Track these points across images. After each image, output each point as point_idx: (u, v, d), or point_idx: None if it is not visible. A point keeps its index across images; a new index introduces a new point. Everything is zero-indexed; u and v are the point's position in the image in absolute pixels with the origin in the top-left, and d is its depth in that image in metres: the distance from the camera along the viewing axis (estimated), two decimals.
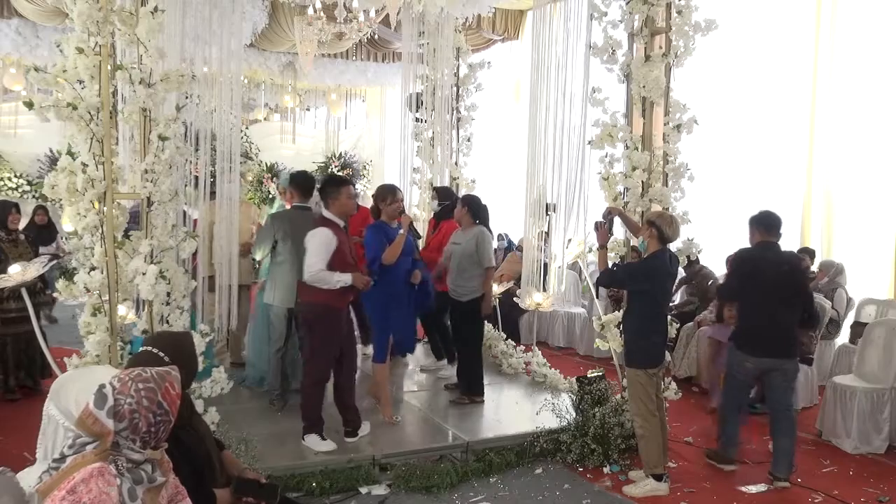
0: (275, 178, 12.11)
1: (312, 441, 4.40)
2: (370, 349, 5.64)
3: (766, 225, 4.50)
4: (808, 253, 6.79)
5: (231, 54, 5.12)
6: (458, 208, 5.58)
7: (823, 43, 7.08)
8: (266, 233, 5.15)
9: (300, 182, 5.31)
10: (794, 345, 4.44)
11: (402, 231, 4.74)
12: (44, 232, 7.95)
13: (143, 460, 2.03)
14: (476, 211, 5.47)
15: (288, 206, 5.53)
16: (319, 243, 4.28)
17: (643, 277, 4.31)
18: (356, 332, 5.00)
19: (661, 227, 4.25)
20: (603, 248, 4.69)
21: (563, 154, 5.50)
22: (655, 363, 4.34)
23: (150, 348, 2.56)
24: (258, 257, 5.33)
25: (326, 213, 4.45)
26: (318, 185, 5.00)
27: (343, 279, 4.29)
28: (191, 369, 2.66)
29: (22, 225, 6.08)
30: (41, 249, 6.75)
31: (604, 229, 4.70)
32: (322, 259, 4.26)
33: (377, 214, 4.94)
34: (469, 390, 5.45)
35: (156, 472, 2.08)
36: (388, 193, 4.92)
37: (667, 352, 4.58)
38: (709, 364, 5.87)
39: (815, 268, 6.84)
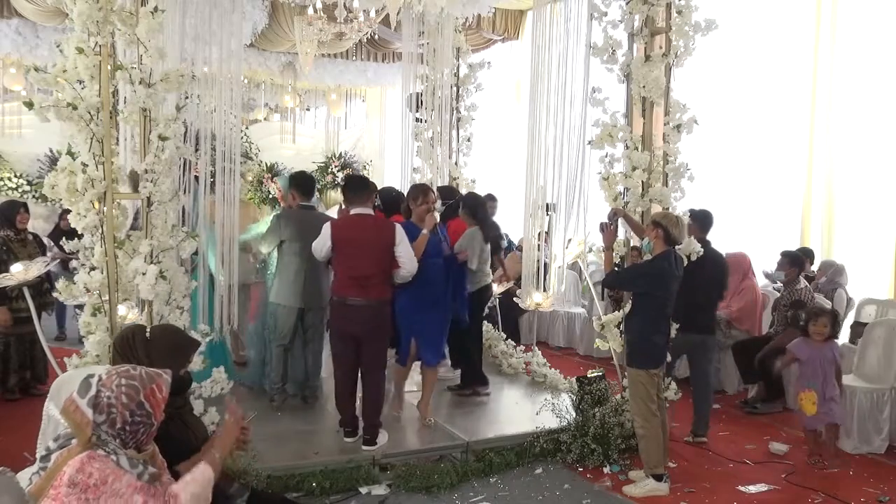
0: (275, 179, 12.06)
1: (384, 437, 4.52)
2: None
3: (703, 223, 5.19)
4: (807, 254, 6.79)
5: (231, 54, 5.12)
6: (461, 211, 5.61)
7: (823, 43, 7.08)
8: (273, 232, 5.15)
9: (301, 182, 5.36)
10: (709, 324, 5.18)
11: (424, 231, 4.71)
12: (68, 238, 7.66)
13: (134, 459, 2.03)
14: (474, 210, 5.52)
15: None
16: (407, 238, 4.50)
17: (649, 279, 4.31)
18: None
19: (668, 227, 4.26)
20: (609, 249, 4.71)
21: (563, 154, 5.50)
22: (657, 364, 4.35)
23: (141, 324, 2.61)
24: (265, 251, 5.32)
25: (367, 210, 4.57)
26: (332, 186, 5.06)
27: None
28: (170, 361, 2.61)
29: (30, 225, 6.02)
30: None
31: (610, 230, 4.71)
32: None
33: (408, 215, 4.95)
34: (472, 382, 5.48)
35: (148, 466, 2.07)
36: (419, 193, 4.92)
37: (667, 352, 4.59)
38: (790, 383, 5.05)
39: (814, 268, 6.84)
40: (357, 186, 4.64)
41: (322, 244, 4.53)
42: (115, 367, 2.09)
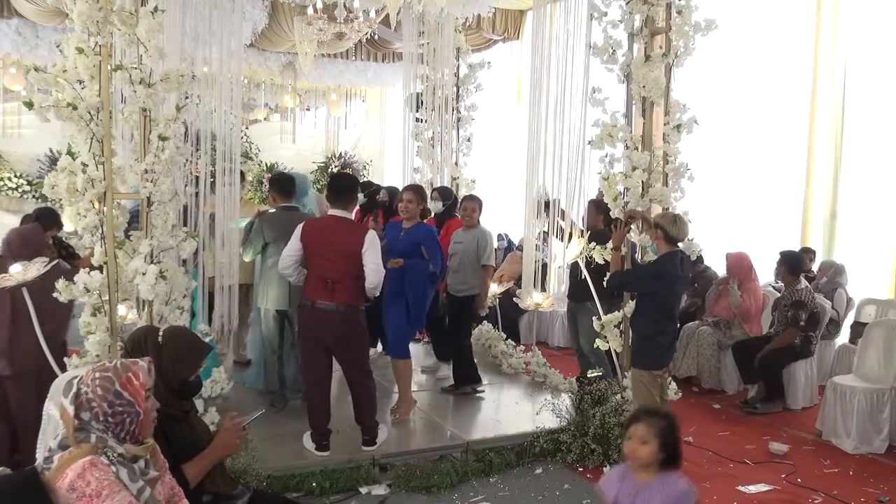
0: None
1: (384, 434, 4.52)
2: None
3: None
4: (809, 253, 6.79)
5: (231, 54, 5.12)
6: (469, 206, 5.62)
7: (824, 42, 7.08)
8: (256, 235, 5.09)
9: (280, 183, 5.36)
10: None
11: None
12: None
13: (131, 456, 2.03)
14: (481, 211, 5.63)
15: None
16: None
17: (652, 280, 4.30)
18: None
19: (665, 227, 4.25)
20: (617, 249, 4.67)
21: (563, 154, 5.50)
22: (660, 365, 4.33)
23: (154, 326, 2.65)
24: (247, 258, 5.24)
25: (345, 214, 4.47)
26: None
27: None
28: (181, 366, 2.66)
29: None
30: None
31: (621, 231, 4.67)
32: None
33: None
34: (469, 380, 5.50)
35: (149, 468, 2.08)
36: (401, 193, 5.16)
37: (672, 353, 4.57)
38: None
39: (815, 268, 6.84)
40: (340, 189, 4.45)
41: (291, 248, 4.32)
42: (94, 365, 2.12)
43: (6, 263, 3.95)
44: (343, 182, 4.63)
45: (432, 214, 6.18)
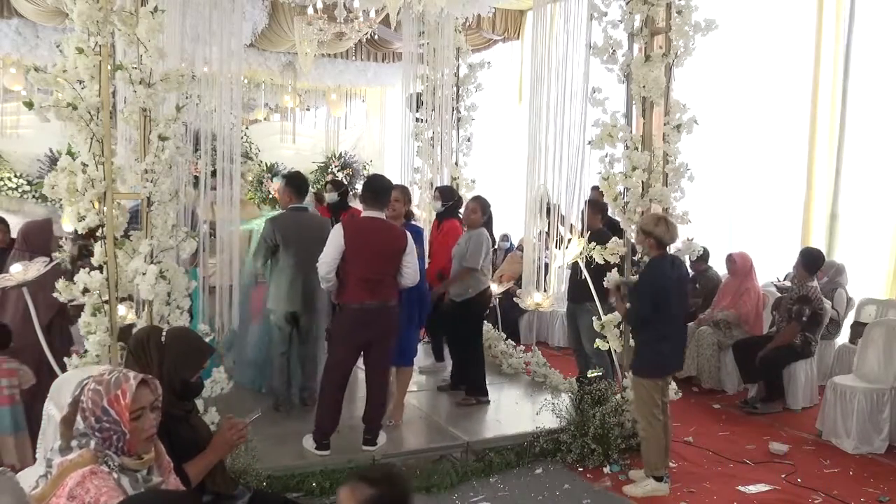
0: (274, 178, 12.00)
1: (383, 438, 4.52)
2: None
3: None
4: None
5: (231, 54, 5.11)
6: (469, 206, 5.57)
7: (826, 42, 7.07)
8: (266, 241, 5.05)
9: (298, 182, 5.31)
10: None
11: None
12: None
13: (131, 468, 2.02)
14: (487, 212, 5.55)
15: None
16: None
17: (652, 294, 4.20)
18: None
19: (650, 231, 4.22)
20: (623, 313, 4.63)
21: (563, 154, 5.49)
22: (662, 373, 4.29)
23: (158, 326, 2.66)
24: (260, 265, 5.23)
25: (381, 214, 4.48)
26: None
27: None
28: (182, 367, 2.67)
29: None
30: None
31: (620, 302, 4.61)
32: None
33: None
34: (475, 391, 5.45)
35: (151, 474, 2.07)
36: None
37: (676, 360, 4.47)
38: None
39: None
40: (377, 189, 4.46)
41: (333, 251, 4.27)
42: (97, 372, 2.10)
43: (23, 257, 4.06)
44: (380, 183, 4.59)
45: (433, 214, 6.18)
